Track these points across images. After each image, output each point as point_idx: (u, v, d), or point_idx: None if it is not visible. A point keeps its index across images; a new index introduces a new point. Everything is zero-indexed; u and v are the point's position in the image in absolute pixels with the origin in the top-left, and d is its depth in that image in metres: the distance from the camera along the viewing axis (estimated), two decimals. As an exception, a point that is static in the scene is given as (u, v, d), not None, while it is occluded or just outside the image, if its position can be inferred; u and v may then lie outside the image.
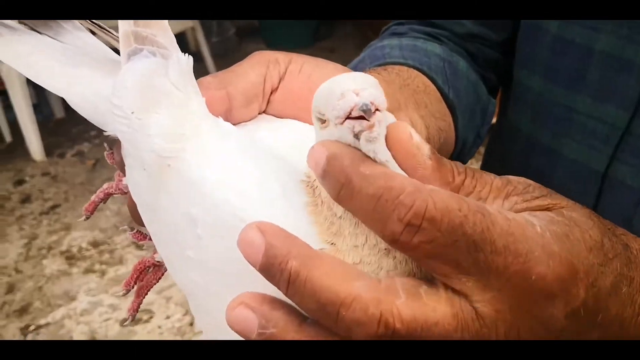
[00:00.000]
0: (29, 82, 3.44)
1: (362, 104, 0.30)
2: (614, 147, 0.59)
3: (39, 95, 3.92)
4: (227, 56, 3.86)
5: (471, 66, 0.71)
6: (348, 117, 0.31)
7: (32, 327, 2.28)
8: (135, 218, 0.42)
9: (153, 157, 0.37)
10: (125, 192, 0.46)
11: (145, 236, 0.47)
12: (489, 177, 0.35)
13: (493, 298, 0.31)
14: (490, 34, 0.71)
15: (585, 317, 0.32)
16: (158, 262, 0.46)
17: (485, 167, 0.79)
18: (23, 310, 2.36)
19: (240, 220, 0.33)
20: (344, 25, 4.53)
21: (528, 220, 0.32)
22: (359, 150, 0.31)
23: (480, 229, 0.30)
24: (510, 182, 0.35)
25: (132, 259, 2.62)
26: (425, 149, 0.33)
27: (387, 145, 0.32)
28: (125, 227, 0.48)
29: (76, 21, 0.47)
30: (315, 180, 0.34)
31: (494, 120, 0.77)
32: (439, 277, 0.32)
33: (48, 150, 3.56)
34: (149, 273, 0.48)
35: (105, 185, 0.48)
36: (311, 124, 0.41)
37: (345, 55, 4.29)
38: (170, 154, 0.37)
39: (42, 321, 2.31)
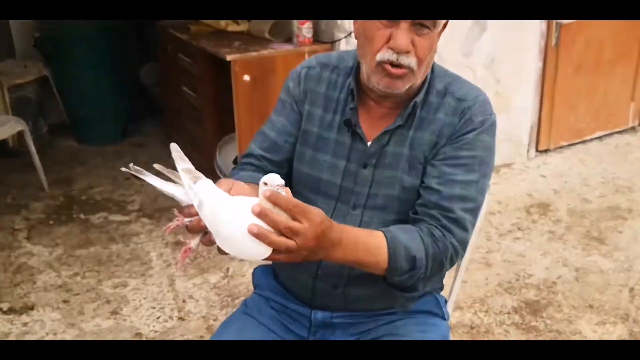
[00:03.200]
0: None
1: (276, 188, 1.08)
2: (330, 216, 1.34)
3: None
4: (41, 151, 4.05)
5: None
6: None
7: None
8: (192, 233, 1.18)
9: (208, 202, 1.11)
10: (186, 225, 1.23)
11: (190, 249, 1.24)
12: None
13: (300, 241, 1.10)
14: (273, 157, 1.53)
15: (316, 248, 1.14)
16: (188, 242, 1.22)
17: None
18: None
19: (230, 210, 1.10)
20: (149, 125, 5.05)
21: (305, 226, 1.10)
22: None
23: (297, 229, 1.09)
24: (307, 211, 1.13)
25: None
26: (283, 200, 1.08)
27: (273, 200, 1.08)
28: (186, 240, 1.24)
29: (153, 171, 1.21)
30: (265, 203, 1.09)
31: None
32: (287, 235, 1.09)
33: None
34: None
35: (173, 224, 1.24)
36: (245, 196, 1.20)
37: (152, 149, 4.69)
38: (212, 201, 1.11)
39: None
